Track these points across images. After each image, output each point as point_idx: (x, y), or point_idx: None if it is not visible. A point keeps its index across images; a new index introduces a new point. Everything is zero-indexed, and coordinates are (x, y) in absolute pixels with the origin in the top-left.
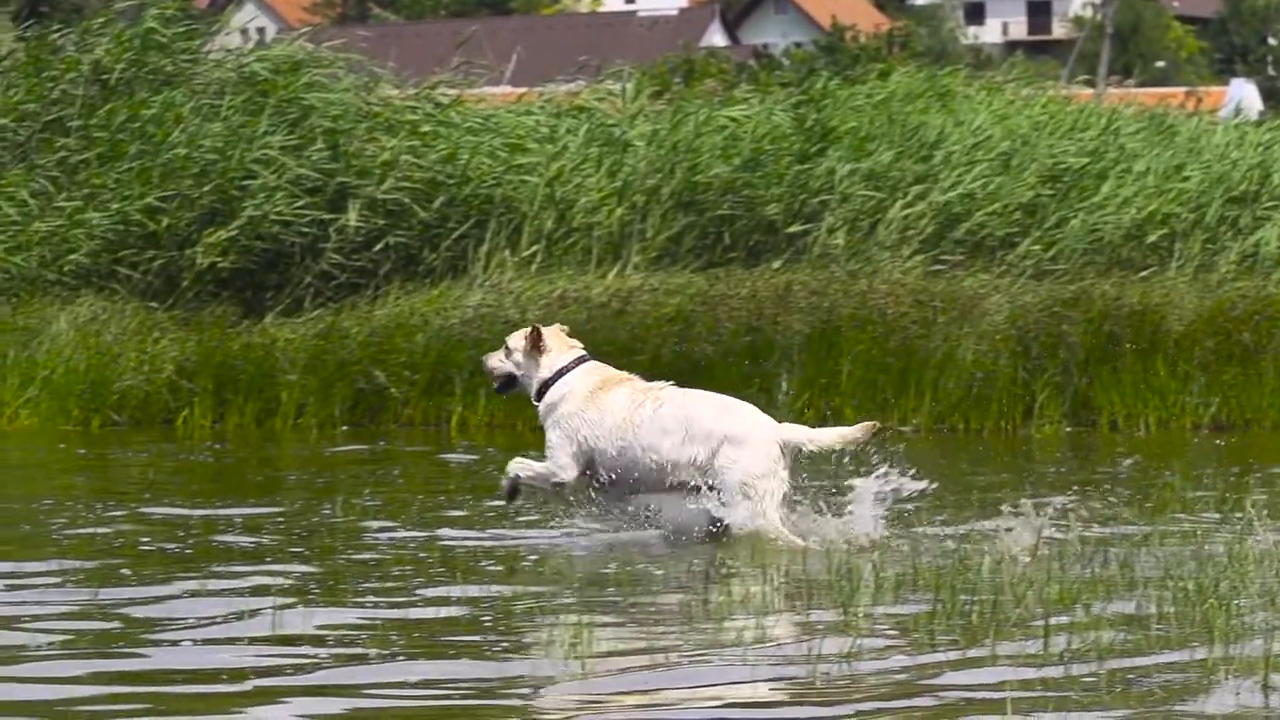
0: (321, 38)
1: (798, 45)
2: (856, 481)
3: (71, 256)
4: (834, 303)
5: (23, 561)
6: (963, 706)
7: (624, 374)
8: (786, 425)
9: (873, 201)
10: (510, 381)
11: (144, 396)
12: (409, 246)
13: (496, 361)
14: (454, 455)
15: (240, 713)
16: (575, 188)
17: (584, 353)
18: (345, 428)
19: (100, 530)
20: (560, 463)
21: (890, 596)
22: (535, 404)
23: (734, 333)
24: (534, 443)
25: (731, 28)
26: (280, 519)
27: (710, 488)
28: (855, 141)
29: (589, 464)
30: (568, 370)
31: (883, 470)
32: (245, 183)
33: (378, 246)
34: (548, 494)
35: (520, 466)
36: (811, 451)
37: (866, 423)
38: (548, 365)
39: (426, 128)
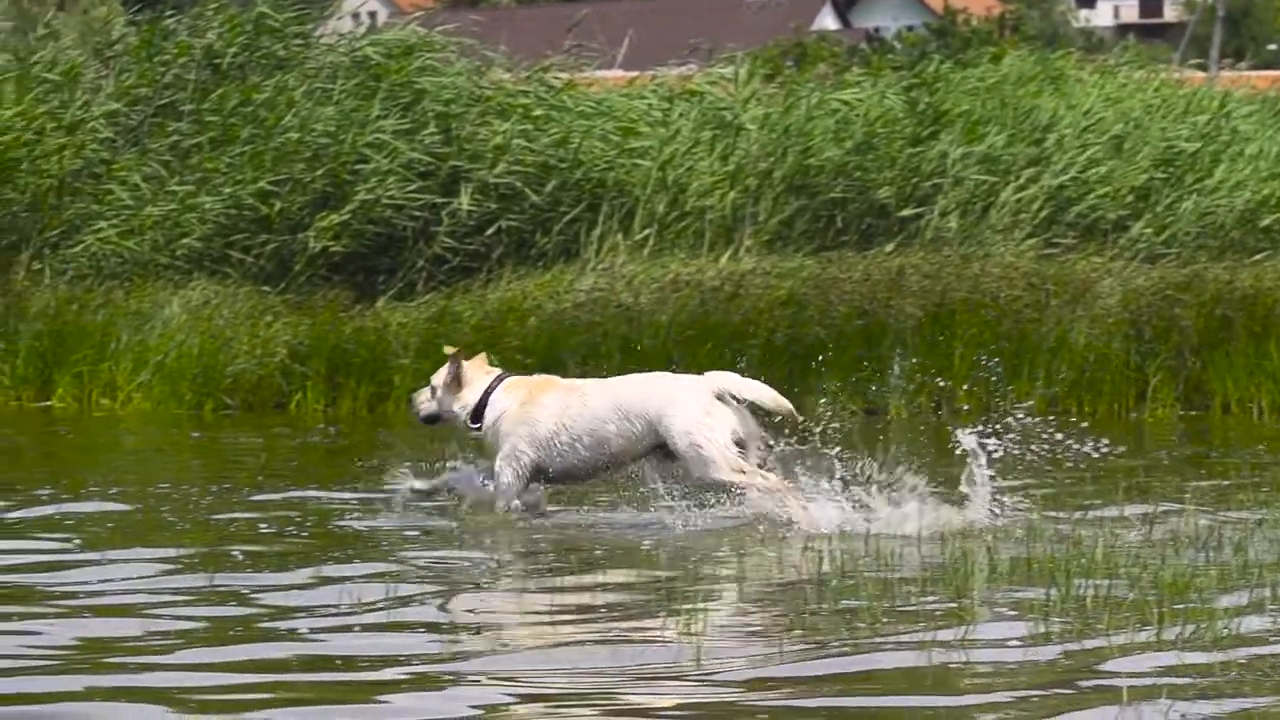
0: (434, 22)
1: (909, 28)
2: (970, 465)
3: (184, 241)
4: (946, 286)
5: (140, 547)
6: (1078, 694)
7: (544, 378)
8: (712, 374)
9: (985, 185)
10: (434, 419)
11: (256, 381)
12: (521, 230)
13: (424, 401)
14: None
15: (375, 702)
16: (687, 171)
17: (500, 371)
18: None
19: (215, 515)
20: (505, 481)
21: (1005, 582)
22: (472, 430)
23: (846, 316)
24: None
25: (843, 11)
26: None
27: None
28: (968, 125)
29: (536, 472)
30: (491, 391)
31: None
32: (358, 167)
33: (490, 230)
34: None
35: (463, 484)
36: (742, 400)
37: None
38: (472, 393)
39: (538, 111)
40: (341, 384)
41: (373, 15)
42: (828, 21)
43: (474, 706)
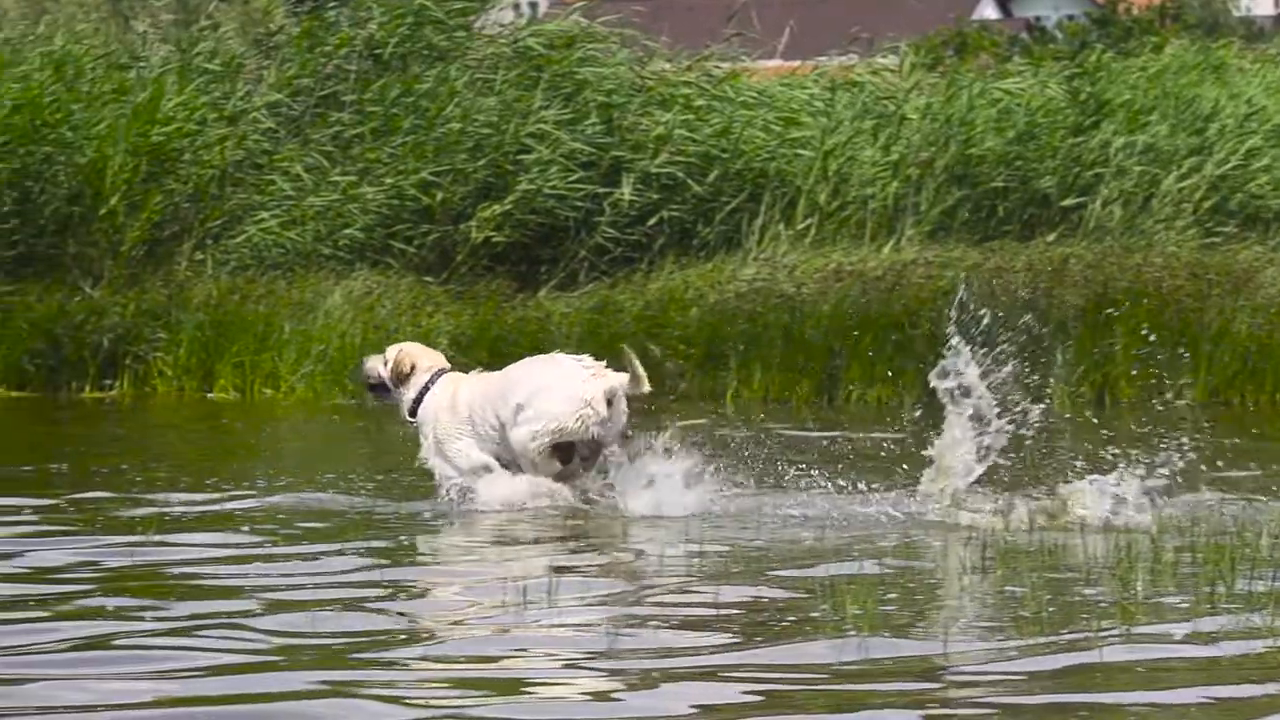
0: (596, 12)
1: (1070, 18)
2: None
3: (346, 231)
4: (1109, 276)
5: (312, 543)
6: (1246, 695)
7: (474, 375)
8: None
9: (1147, 175)
10: (383, 389)
11: None
12: (683, 220)
13: (374, 365)
14: (730, 431)
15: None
16: (849, 161)
17: (443, 365)
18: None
19: (380, 505)
20: (441, 482)
21: (1169, 573)
22: (409, 421)
23: (1008, 306)
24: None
25: (1004, 0)
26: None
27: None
28: (1129, 115)
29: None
30: (429, 388)
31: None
32: (520, 157)
33: (652, 220)
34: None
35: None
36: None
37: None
38: (414, 385)
39: (700, 102)
40: None
41: (534, 5)
42: (988, 11)
43: (695, 705)
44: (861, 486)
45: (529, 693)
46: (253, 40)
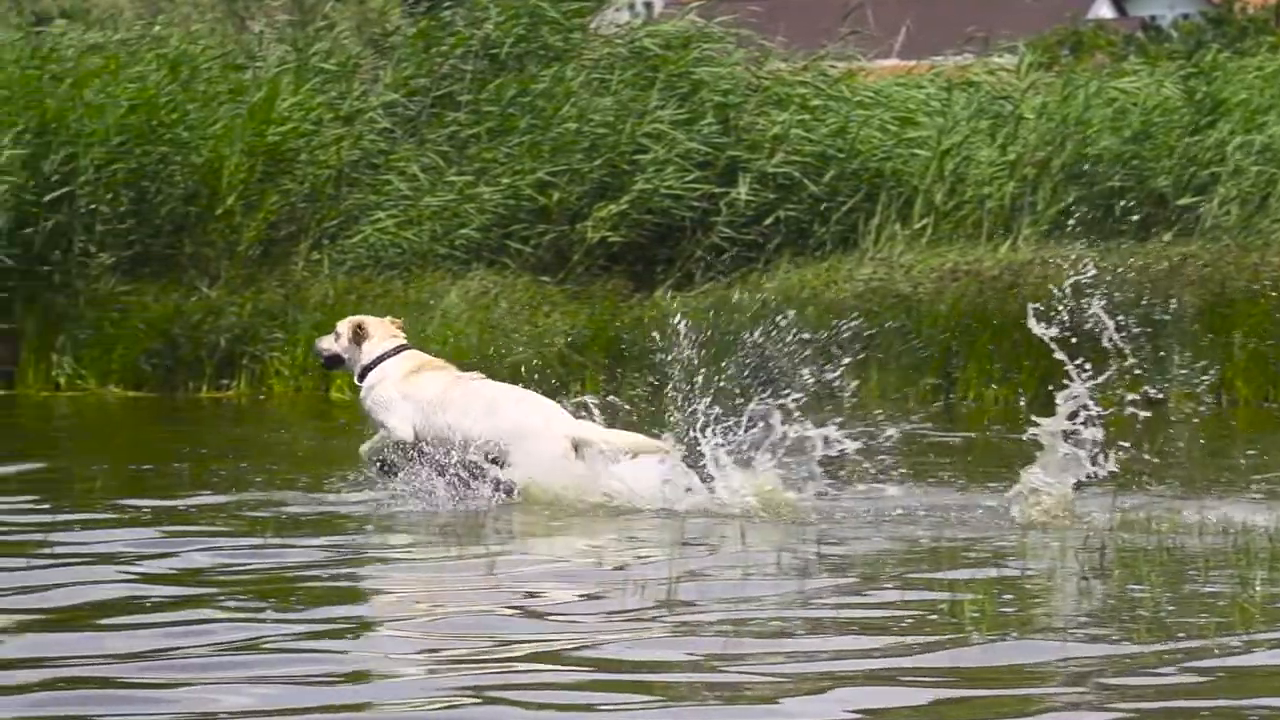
0: (712, 12)
1: (1185, 17)
2: None
3: (462, 231)
4: (1226, 276)
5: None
6: None
7: (440, 361)
8: (580, 423)
9: (1264, 175)
10: (336, 361)
11: (536, 370)
12: (799, 220)
13: (327, 343)
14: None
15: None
16: (965, 161)
17: (405, 342)
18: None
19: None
20: (391, 424)
21: None
22: (358, 384)
23: (1125, 306)
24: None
25: None
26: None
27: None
28: (1245, 114)
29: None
30: (386, 357)
31: None
32: (636, 157)
33: (768, 220)
34: (401, 459)
35: (364, 447)
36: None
37: (662, 441)
38: (368, 352)
39: (816, 101)
40: (620, 374)
41: (648, 5)
42: (1104, 10)
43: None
44: (980, 486)
45: (687, 701)
46: (368, 40)
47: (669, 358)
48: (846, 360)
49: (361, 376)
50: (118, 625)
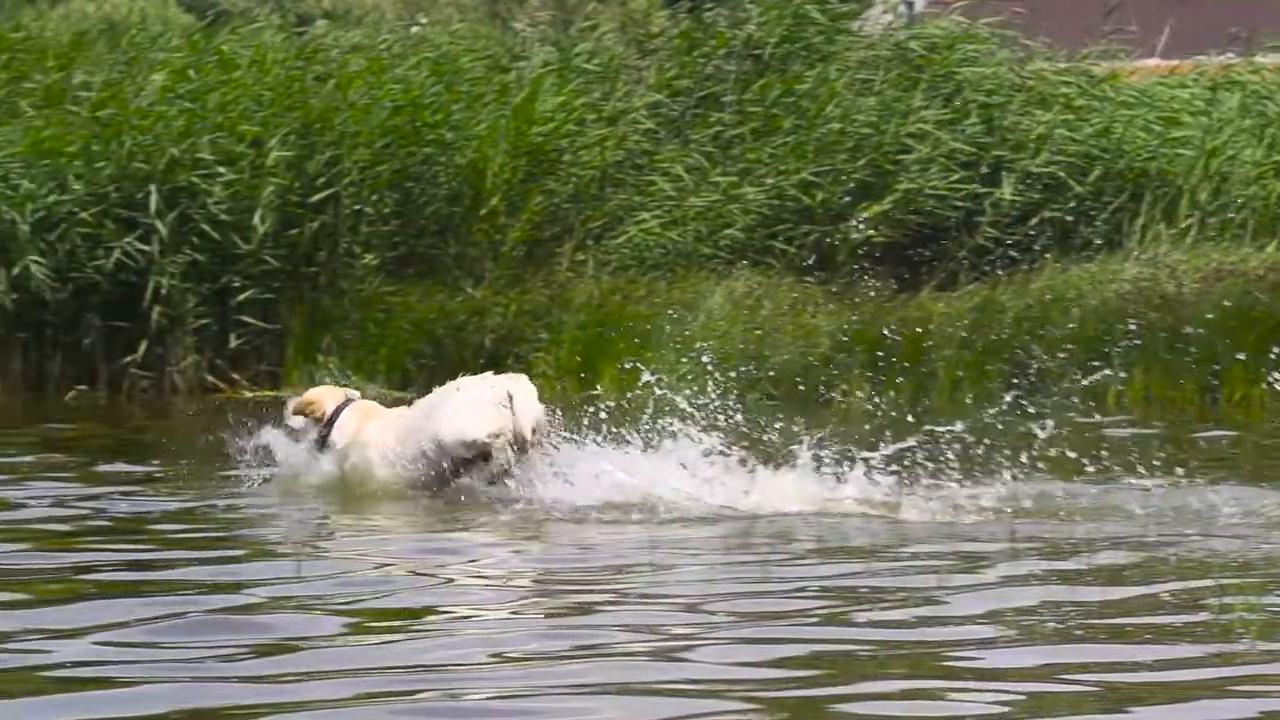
0: (976, 12)
1: None
2: None
3: (727, 231)
4: None
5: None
6: None
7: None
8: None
9: None
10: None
11: (800, 370)
12: (1064, 220)
13: (294, 420)
14: (1115, 430)
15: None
16: (1230, 161)
17: (344, 400)
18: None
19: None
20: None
21: None
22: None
23: None
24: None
25: None
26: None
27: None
28: None
29: None
30: (335, 416)
31: None
32: (899, 157)
33: (1033, 220)
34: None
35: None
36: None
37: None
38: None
39: (1080, 101)
40: (885, 375)
41: (910, 4)
42: None
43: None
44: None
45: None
46: (632, 41)
47: None
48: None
49: (321, 447)
50: None
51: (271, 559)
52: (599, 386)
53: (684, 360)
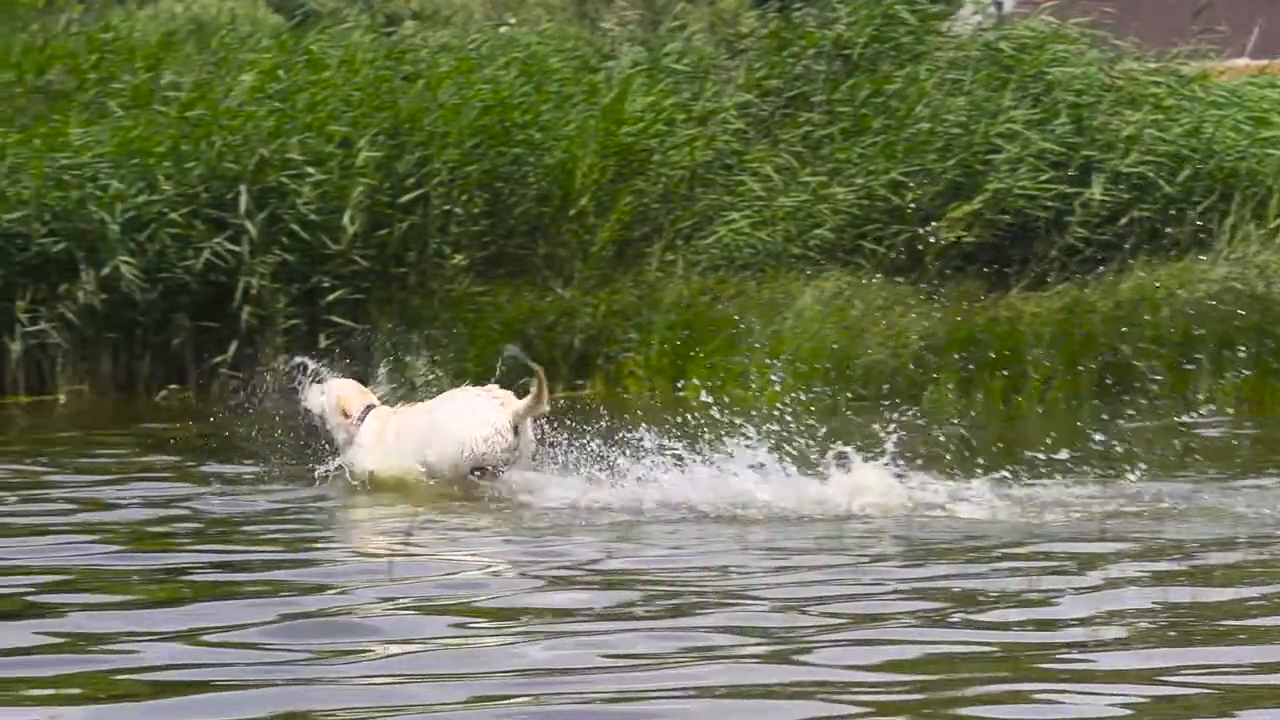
0: (1066, 12)
1: None
2: None
3: (816, 231)
4: None
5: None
6: None
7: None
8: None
9: None
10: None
11: (890, 371)
12: (1153, 220)
13: (315, 402)
14: (1205, 430)
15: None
16: None
17: (371, 403)
18: (1094, 402)
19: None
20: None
21: None
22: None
23: None
24: None
25: None
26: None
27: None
28: None
29: None
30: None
31: None
32: (989, 157)
33: (1122, 220)
34: None
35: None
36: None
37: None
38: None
39: (1169, 101)
40: (975, 375)
41: (999, 4)
42: None
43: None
44: None
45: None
46: (721, 41)
47: None
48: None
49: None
50: None
51: (369, 559)
52: (689, 387)
53: (775, 362)
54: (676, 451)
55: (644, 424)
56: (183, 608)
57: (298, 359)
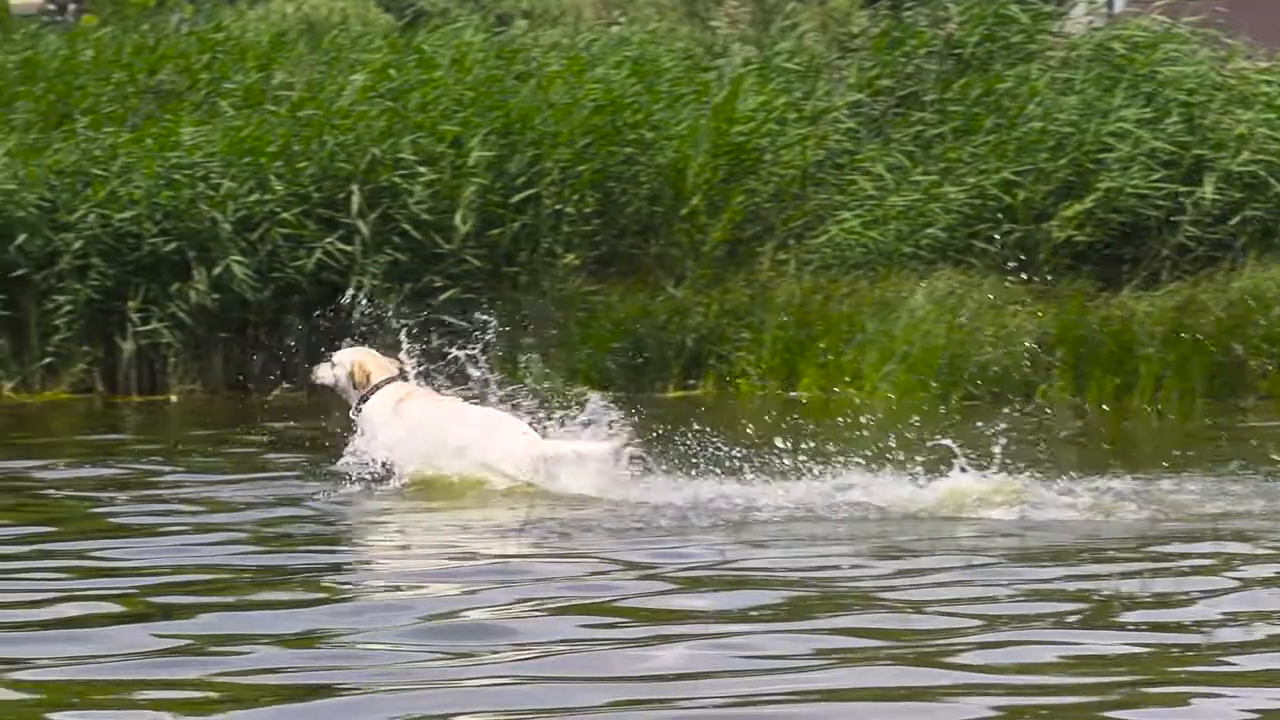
0: (1179, 10)
1: None
2: None
3: (928, 231)
4: None
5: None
6: None
7: (424, 390)
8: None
9: None
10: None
11: (1002, 370)
12: (1264, 219)
13: (325, 373)
14: None
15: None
16: None
17: (394, 373)
18: (1206, 401)
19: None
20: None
21: None
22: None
23: None
24: None
25: None
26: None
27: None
28: None
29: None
30: (378, 389)
31: None
32: (1100, 156)
33: (1233, 219)
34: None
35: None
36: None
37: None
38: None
39: None
40: (1087, 373)
41: (1109, 3)
42: None
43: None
44: None
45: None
46: (832, 40)
47: None
48: None
49: (357, 409)
50: None
51: (489, 560)
52: (800, 386)
53: (890, 367)
54: (782, 449)
55: (748, 424)
56: (307, 610)
57: (453, 351)
